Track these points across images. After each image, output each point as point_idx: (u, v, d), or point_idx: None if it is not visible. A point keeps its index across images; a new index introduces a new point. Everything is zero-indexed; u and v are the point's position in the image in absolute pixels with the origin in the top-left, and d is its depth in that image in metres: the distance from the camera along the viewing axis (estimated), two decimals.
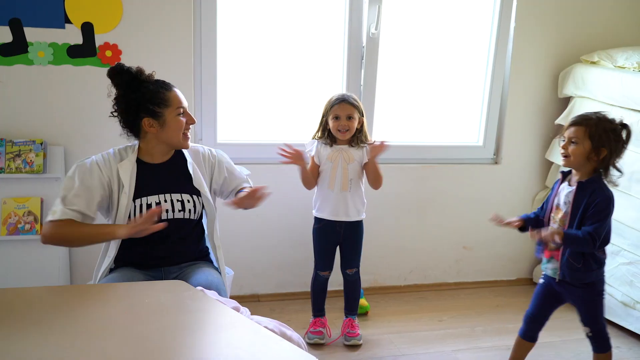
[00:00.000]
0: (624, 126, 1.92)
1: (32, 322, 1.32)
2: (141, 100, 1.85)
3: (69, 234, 1.79)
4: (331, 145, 2.40)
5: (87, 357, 1.18)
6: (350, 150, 2.39)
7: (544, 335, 2.18)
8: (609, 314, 2.74)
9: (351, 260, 2.52)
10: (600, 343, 2.04)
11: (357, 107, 2.36)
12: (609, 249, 2.68)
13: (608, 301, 2.72)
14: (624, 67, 2.71)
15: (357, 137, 2.39)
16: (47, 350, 1.20)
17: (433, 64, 3.03)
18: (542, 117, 3.14)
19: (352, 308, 2.59)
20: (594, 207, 1.90)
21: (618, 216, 2.63)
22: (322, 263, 2.52)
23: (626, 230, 2.61)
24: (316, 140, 2.44)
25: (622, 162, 2.57)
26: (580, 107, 2.90)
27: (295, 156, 2.30)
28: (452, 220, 3.16)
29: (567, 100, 3.06)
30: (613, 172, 1.95)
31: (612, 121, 1.91)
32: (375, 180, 2.42)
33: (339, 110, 2.33)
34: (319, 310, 2.57)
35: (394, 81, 2.97)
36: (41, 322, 1.32)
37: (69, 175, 1.87)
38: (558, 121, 3.05)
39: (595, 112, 1.96)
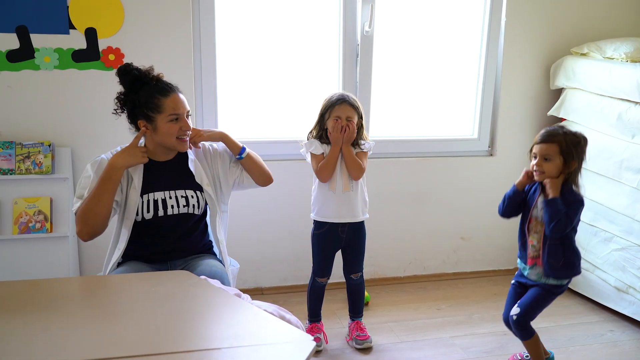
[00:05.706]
0: (584, 139, 2.06)
1: (48, 310, 1.40)
2: (137, 102, 1.94)
3: (86, 208, 1.88)
4: (328, 144, 2.31)
5: (101, 340, 1.26)
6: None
7: (538, 321, 2.22)
8: (603, 299, 2.82)
9: (356, 265, 2.46)
10: (519, 330, 2.15)
11: (356, 110, 2.29)
12: (602, 235, 2.77)
13: (602, 287, 2.80)
14: (613, 58, 2.78)
15: (355, 139, 2.31)
16: (63, 334, 1.29)
17: (427, 60, 3.10)
18: (535, 109, 3.21)
19: (358, 311, 2.55)
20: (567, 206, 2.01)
21: (609, 203, 2.71)
22: (322, 270, 2.45)
23: (617, 217, 2.67)
24: (316, 140, 2.33)
25: (607, 155, 2.68)
26: (572, 98, 2.97)
27: None
28: (450, 212, 3.23)
29: (559, 92, 3.13)
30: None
31: (576, 135, 2.05)
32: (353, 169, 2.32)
33: (339, 111, 2.26)
34: (315, 316, 2.53)
35: (389, 77, 3.04)
36: (57, 310, 1.41)
37: (84, 175, 1.97)
38: (551, 112, 3.11)
39: (560, 127, 2.10)
